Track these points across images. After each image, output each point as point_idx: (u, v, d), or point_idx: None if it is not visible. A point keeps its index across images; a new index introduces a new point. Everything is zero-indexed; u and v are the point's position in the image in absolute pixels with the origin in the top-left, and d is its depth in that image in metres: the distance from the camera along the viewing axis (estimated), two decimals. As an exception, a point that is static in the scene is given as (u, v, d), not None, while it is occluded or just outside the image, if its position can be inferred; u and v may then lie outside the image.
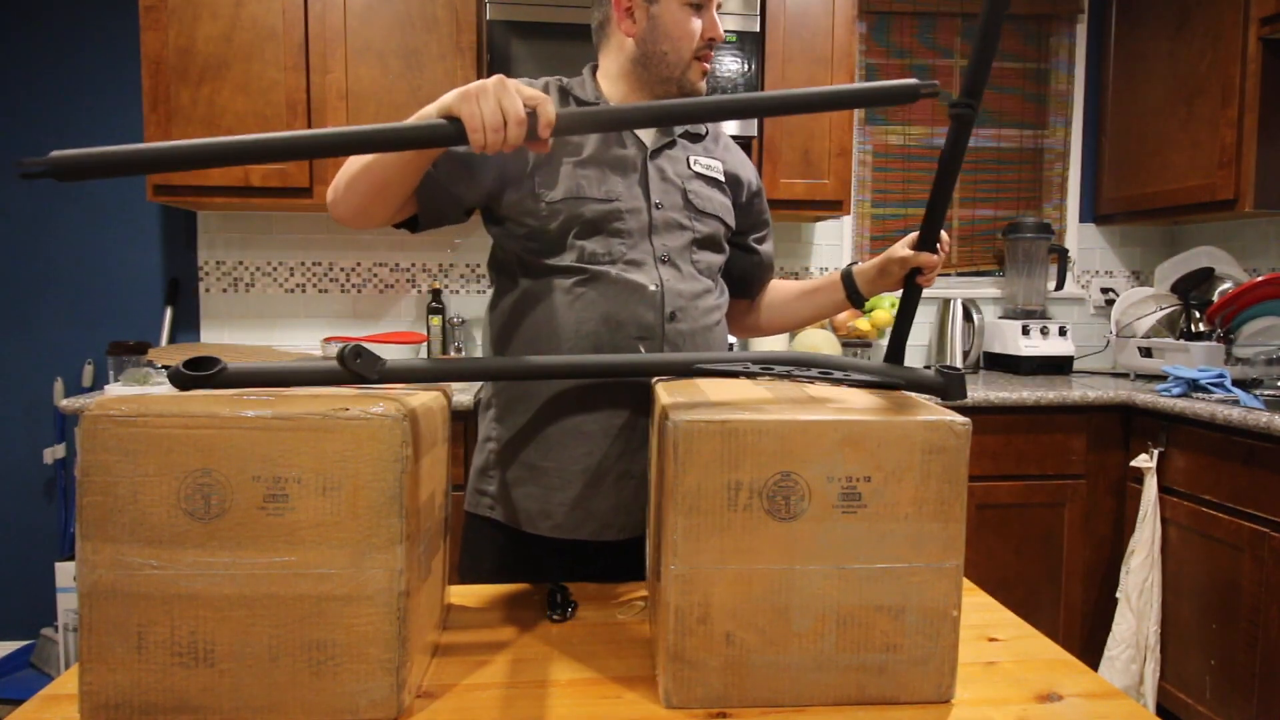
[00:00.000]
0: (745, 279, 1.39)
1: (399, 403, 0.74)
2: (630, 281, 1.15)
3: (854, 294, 1.27)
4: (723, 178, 1.27)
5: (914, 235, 1.12)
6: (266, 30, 2.30)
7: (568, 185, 1.15)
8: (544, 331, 1.16)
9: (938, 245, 1.08)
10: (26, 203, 2.67)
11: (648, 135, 1.23)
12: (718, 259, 1.26)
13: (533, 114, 0.82)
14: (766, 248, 1.39)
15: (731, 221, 1.28)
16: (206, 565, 0.71)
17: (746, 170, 1.33)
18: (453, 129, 0.82)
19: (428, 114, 0.88)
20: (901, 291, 1.09)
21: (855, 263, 1.29)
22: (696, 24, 1.17)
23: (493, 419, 1.24)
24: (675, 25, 1.17)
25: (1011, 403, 2.27)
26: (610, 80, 1.24)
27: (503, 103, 0.81)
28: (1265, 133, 2.38)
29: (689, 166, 1.23)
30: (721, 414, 0.75)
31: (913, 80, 0.83)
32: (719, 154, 1.29)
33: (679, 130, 1.25)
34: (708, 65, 1.20)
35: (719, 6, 1.20)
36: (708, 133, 1.30)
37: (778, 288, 1.42)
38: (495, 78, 0.83)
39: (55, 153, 0.69)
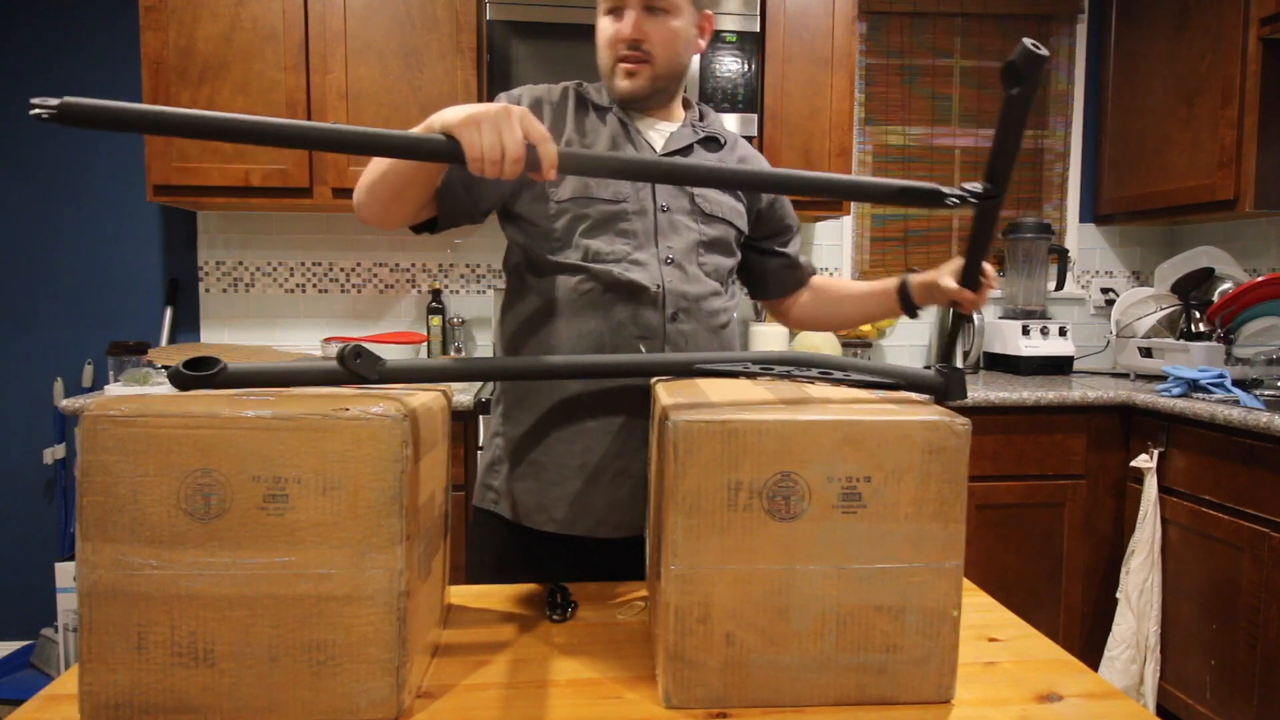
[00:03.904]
0: (776, 281, 1.39)
1: (399, 403, 0.74)
2: (632, 281, 1.15)
3: (908, 306, 1.26)
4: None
5: (959, 263, 1.09)
6: (266, 30, 2.30)
7: (575, 185, 1.16)
8: (547, 329, 1.18)
9: (981, 282, 1.06)
10: (27, 202, 2.67)
11: (658, 141, 1.23)
12: (727, 262, 1.26)
13: (532, 149, 0.81)
14: (793, 249, 1.39)
15: (743, 226, 1.28)
16: (206, 565, 0.71)
17: None
18: (453, 147, 0.81)
19: (431, 126, 0.86)
20: (950, 315, 1.08)
21: (913, 270, 1.27)
22: (612, 30, 1.18)
23: (500, 415, 1.26)
24: (599, 35, 1.21)
25: (1011, 403, 2.27)
26: None
27: (503, 135, 0.80)
28: (1265, 133, 2.38)
29: None
30: (721, 414, 0.75)
31: (938, 186, 0.85)
32: (733, 162, 1.28)
33: (696, 137, 1.25)
34: (629, 66, 1.18)
35: (649, 7, 1.16)
36: (726, 142, 1.30)
37: (831, 286, 1.40)
38: (501, 106, 0.81)
39: (68, 98, 0.69)
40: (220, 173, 2.31)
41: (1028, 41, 0.76)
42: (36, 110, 0.68)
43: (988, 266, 1.06)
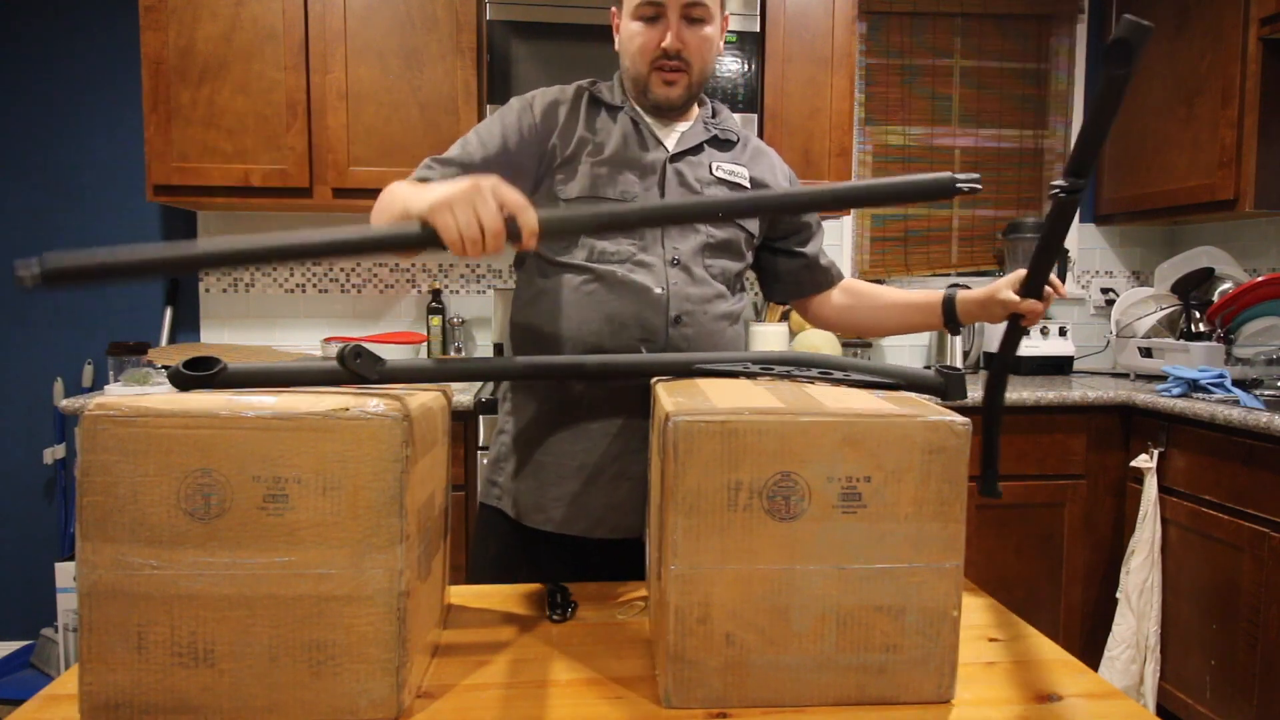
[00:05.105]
0: (797, 282, 1.36)
1: (399, 403, 0.74)
2: (636, 283, 1.15)
3: (952, 321, 1.23)
4: (748, 184, 1.26)
5: (1019, 275, 1.08)
6: (266, 30, 2.30)
7: (584, 183, 1.16)
8: (551, 329, 1.18)
9: (1045, 291, 1.05)
10: (27, 202, 2.67)
11: (670, 139, 1.23)
12: (734, 265, 1.25)
13: (511, 221, 0.80)
14: (811, 248, 1.35)
15: (753, 229, 1.27)
16: (206, 565, 0.71)
17: (776, 176, 1.31)
18: (431, 234, 0.80)
19: (409, 211, 0.86)
20: (1005, 329, 1.07)
21: (958, 286, 1.24)
22: (649, 37, 1.17)
23: (507, 412, 1.27)
24: (629, 40, 1.19)
25: (1011, 403, 2.27)
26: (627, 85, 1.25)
27: (479, 212, 0.79)
28: (1265, 133, 2.38)
29: (711, 172, 1.23)
30: (721, 414, 0.75)
31: (948, 174, 0.81)
32: (745, 161, 1.28)
33: (706, 136, 1.25)
34: (670, 75, 1.18)
35: (689, 17, 1.16)
36: (738, 140, 1.29)
37: (870, 292, 1.37)
38: (471, 182, 0.80)
39: (48, 255, 0.72)
40: (220, 173, 2.31)
41: (1130, 17, 0.74)
42: (21, 275, 0.70)
43: (1054, 278, 1.04)
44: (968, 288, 1.24)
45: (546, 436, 1.20)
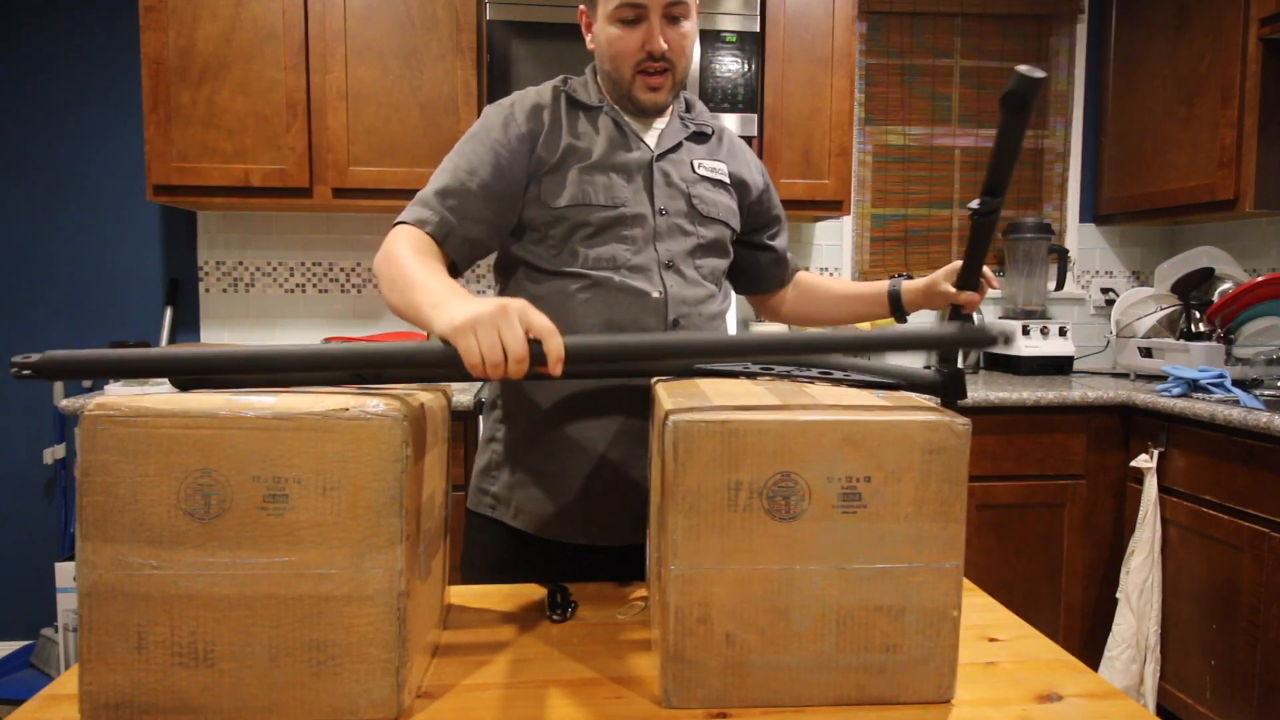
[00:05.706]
0: (763, 276, 1.38)
1: (399, 403, 0.74)
2: (633, 288, 1.14)
3: (898, 312, 1.26)
4: (727, 179, 1.26)
5: (955, 266, 1.12)
6: (266, 30, 2.30)
7: (573, 192, 1.15)
8: None
9: (980, 283, 1.09)
10: (27, 202, 2.67)
11: (652, 138, 1.23)
12: (722, 263, 1.26)
13: (536, 344, 0.78)
14: (780, 242, 1.38)
15: (736, 225, 1.28)
16: (206, 565, 0.71)
17: (751, 171, 1.32)
18: (451, 355, 0.79)
19: (431, 324, 0.85)
20: (948, 315, 1.13)
21: (904, 276, 1.29)
22: (631, 40, 1.14)
23: (497, 420, 1.24)
24: (608, 44, 1.17)
25: (1011, 403, 2.27)
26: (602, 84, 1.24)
27: (503, 335, 0.77)
28: (1265, 133, 2.37)
29: (693, 170, 1.22)
30: (721, 414, 0.75)
31: (983, 330, 0.86)
32: (723, 156, 1.28)
33: (685, 133, 1.24)
34: (655, 79, 1.16)
35: (670, 16, 1.14)
36: (713, 133, 1.29)
37: (820, 284, 1.40)
38: (498, 305, 0.78)
39: (49, 352, 0.74)
40: (220, 173, 2.31)
41: (1022, 68, 0.80)
42: (16, 368, 0.73)
43: (986, 269, 1.09)
44: (910, 277, 1.29)
45: (546, 443, 1.18)
